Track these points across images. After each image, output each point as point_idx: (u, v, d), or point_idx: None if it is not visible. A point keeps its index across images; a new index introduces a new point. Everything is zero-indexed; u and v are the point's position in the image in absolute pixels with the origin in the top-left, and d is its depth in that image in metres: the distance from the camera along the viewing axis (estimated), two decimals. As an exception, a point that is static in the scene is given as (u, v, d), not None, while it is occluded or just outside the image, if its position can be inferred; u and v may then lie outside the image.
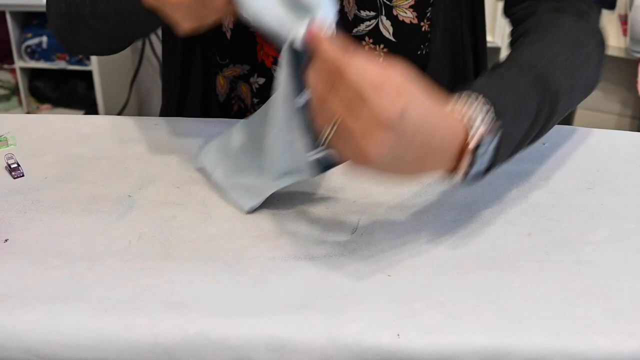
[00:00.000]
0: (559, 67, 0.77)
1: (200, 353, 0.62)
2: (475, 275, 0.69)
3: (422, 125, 0.62)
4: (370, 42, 1.02)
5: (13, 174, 0.83)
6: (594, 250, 0.73)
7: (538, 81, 0.75)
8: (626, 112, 2.56)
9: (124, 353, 0.62)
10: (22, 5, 2.65)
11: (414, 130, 0.62)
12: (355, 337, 0.62)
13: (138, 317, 0.64)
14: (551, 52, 0.78)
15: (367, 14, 1.00)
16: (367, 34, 1.02)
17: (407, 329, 0.63)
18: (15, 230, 0.74)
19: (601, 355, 0.62)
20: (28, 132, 0.91)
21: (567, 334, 0.63)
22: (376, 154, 0.61)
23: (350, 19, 1.01)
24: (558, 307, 0.66)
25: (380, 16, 1.00)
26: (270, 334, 0.63)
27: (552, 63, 0.77)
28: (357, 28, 1.01)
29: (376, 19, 1.00)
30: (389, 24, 1.01)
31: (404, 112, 0.61)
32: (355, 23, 1.01)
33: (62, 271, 0.69)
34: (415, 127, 0.62)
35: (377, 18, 1.00)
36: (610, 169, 0.86)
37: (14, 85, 2.91)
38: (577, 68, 0.79)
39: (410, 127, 0.62)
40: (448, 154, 0.66)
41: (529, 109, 0.73)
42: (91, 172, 0.84)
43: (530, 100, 0.73)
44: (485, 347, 0.62)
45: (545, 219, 0.77)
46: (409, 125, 0.61)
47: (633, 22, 2.29)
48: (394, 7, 0.99)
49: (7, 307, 0.64)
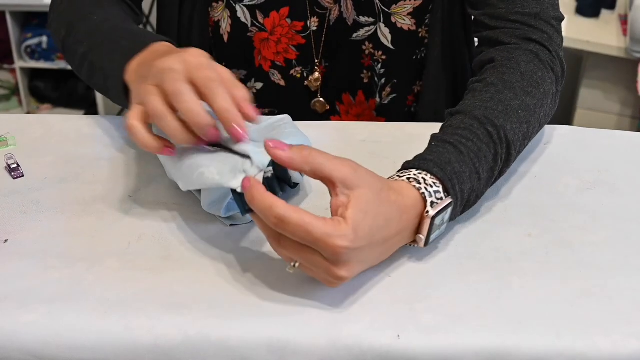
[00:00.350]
0: (514, 112, 0.78)
1: (200, 354, 0.62)
2: (475, 276, 0.69)
3: (376, 228, 0.65)
4: (370, 47, 1.02)
5: (13, 174, 0.82)
6: (594, 251, 0.73)
7: (494, 132, 0.76)
8: (626, 112, 2.56)
9: (123, 354, 0.62)
10: (22, 5, 2.65)
11: (370, 238, 0.64)
12: (356, 338, 0.62)
13: (138, 318, 0.64)
14: (505, 98, 0.79)
15: (366, 20, 1.00)
16: (366, 39, 1.02)
17: (408, 330, 0.63)
18: (15, 231, 0.74)
19: (602, 355, 0.62)
20: (28, 133, 0.91)
21: (568, 335, 0.63)
22: (347, 275, 0.64)
23: (350, 24, 1.01)
24: (558, 307, 0.66)
25: (378, 23, 1.00)
26: (271, 335, 0.63)
27: (507, 110, 0.78)
28: (356, 33, 1.01)
29: (375, 25, 1.00)
30: (387, 32, 1.01)
31: (355, 238, 0.62)
32: (355, 28, 1.01)
33: (62, 272, 0.69)
34: (369, 235, 0.64)
35: (376, 25, 1.00)
36: (610, 170, 0.85)
37: (14, 85, 2.92)
38: (532, 109, 0.81)
39: (366, 238, 0.64)
40: (409, 230, 0.69)
41: (486, 162, 0.75)
42: (91, 173, 0.83)
43: (486, 154, 0.75)
44: (486, 347, 0.62)
45: (546, 220, 0.77)
46: (364, 239, 0.64)
47: (633, 22, 2.29)
48: (392, 14, 0.99)
49: (6, 308, 0.64)
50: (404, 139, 0.90)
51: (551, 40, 0.87)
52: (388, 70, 1.04)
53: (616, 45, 2.38)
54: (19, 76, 2.81)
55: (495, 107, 0.78)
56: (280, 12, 0.99)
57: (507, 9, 0.88)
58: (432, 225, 0.69)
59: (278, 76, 1.05)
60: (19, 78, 2.82)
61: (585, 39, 2.39)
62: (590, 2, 2.48)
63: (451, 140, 0.74)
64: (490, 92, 0.80)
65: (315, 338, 0.62)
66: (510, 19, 0.88)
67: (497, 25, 0.89)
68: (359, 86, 1.06)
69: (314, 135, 0.85)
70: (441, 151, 0.73)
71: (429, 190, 0.69)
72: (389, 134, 0.91)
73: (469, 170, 0.72)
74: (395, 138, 0.90)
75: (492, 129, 0.76)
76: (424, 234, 0.69)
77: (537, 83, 0.82)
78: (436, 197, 0.69)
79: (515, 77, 0.82)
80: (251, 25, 1.01)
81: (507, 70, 0.83)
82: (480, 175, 0.74)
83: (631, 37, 2.32)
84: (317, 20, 1.01)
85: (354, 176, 0.64)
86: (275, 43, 1.02)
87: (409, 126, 0.93)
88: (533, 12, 0.87)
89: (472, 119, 0.76)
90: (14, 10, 2.68)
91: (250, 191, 0.63)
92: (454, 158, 0.72)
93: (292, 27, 1.01)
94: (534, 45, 0.86)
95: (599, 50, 2.40)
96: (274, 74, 1.05)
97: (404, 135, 0.91)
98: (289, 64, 1.04)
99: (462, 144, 0.74)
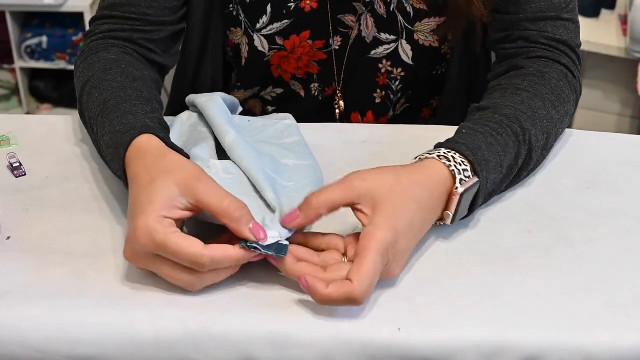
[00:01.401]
0: (540, 121, 0.81)
1: (202, 348, 0.63)
2: (475, 271, 0.69)
3: (412, 213, 0.68)
4: (388, 65, 1.02)
5: (15, 173, 0.83)
6: (593, 247, 0.73)
7: (520, 132, 0.78)
8: (626, 112, 2.56)
9: (125, 348, 0.63)
10: (22, 5, 2.65)
11: (410, 227, 0.67)
12: (357, 332, 0.63)
13: (139, 312, 0.64)
14: (535, 105, 0.82)
15: (387, 37, 0.99)
16: (385, 57, 1.01)
17: (408, 324, 0.63)
18: (18, 228, 0.74)
19: (601, 348, 0.62)
20: (30, 132, 0.91)
21: (568, 328, 0.63)
22: (400, 271, 0.68)
23: (369, 42, 1.00)
24: (558, 301, 0.66)
25: (400, 40, 0.99)
26: (271, 329, 0.63)
27: (534, 116, 0.81)
28: (375, 50, 1.00)
29: (396, 43, 1.00)
30: (409, 49, 1.00)
31: (397, 233, 0.65)
32: (374, 45, 1.00)
33: (64, 268, 0.69)
34: (409, 224, 0.67)
35: (397, 42, 0.99)
36: (609, 170, 0.86)
37: (14, 85, 2.91)
38: (556, 122, 0.84)
39: (407, 227, 0.67)
40: (440, 206, 0.71)
41: (509, 158, 0.77)
42: (92, 171, 0.84)
43: (510, 150, 0.77)
44: (486, 341, 0.63)
45: (545, 217, 0.77)
46: (405, 230, 0.66)
47: (633, 22, 2.29)
48: (415, 32, 0.99)
49: (9, 303, 0.65)
50: (405, 140, 0.90)
51: (575, 66, 0.91)
52: (405, 85, 1.04)
53: (616, 45, 2.38)
54: (19, 76, 2.81)
55: (525, 111, 0.80)
56: (301, 35, 0.98)
57: (539, 32, 0.91)
58: (460, 204, 0.71)
59: (298, 86, 1.05)
60: (19, 78, 2.82)
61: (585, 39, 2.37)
62: (590, 2, 2.48)
63: (482, 131, 0.77)
64: (522, 97, 0.83)
65: (316, 332, 0.63)
66: (541, 41, 0.90)
67: (526, 45, 0.91)
68: (370, 106, 1.06)
69: (315, 137, 0.86)
70: (472, 138, 0.75)
71: (459, 168, 0.71)
72: (389, 135, 0.91)
73: (495, 161, 0.75)
74: (396, 139, 0.90)
75: (520, 129, 0.79)
76: (451, 211, 0.71)
77: (563, 100, 0.86)
78: (464, 175, 0.71)
79: (546, 89, 0.85)
80: (269, 51, 1.00)
81: (539, 81, 0.86)
82: (502, 169, 0.76)
83: (631, 37, 2.32)
84: (340, 39, 1.00)
85: (362, 185, 0.67)
86: (296, 60, 1.01)
87: (409, 128, 0.94)
88: (562, 39, 0.90)
89: (502, 116, 0.79)
90: (14, 10, 2.67)
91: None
92: (484, 146, 0.75)
93: (314, 46, 0.99)
94: (563, 68, 0.89)
95: (599, 50, 2.40)
96: (294, 85, 1.05)
97: (405, 136, 0.91)
98: (310, 78, 1.03)
99: (492, 136, 0.76)
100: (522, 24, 0.91)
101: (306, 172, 0.77)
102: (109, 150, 0.76)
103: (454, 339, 0.63)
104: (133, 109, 0.77)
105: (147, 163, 0.70)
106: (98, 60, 0.87)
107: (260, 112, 1.09)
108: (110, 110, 0.78)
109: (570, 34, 0.91)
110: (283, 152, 0.80)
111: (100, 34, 0.92)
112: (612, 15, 2.55)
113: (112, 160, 0.76)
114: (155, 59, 0.94)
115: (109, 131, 0.76)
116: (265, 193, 0.71)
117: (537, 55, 0.90)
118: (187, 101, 0.88)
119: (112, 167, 0.77)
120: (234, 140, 0.76)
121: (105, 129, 0.77)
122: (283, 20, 0.96)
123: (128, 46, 0.91)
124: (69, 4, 2.66)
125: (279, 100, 1.07)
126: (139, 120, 0.75)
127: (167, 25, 0.94)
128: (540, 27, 0.91)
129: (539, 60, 0.89)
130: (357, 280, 0.62)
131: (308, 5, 0.96)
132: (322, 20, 0.97)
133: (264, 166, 0.75)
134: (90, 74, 0.85)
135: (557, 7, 0.90)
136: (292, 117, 0.88)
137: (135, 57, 0.90)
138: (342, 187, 0.67)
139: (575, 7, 0.93)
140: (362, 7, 0.97)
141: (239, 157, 0.75)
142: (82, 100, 0.85)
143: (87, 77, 0.85)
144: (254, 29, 0.98)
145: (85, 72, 0.87)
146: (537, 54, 0.90)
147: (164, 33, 0.94)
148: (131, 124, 0.75)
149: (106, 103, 0.79)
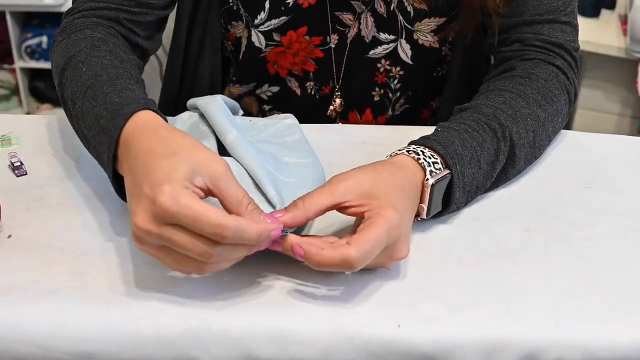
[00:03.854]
0: (522, 119, 0.81)
1: (203, 344, 0.63)
2: (474, 268, 0.70)
3: (403, 198, 0.69)
4: (386, 64, 1.02)
5: (16, 172, 0.83)
6: (592, 245, 0.74)
7: (498, 129, 0.79)
8: (626, 112, 2.56)
9: (126, 345, 0.63)
10: (22, 5, 2.65)
11: (406, 211, 0.68)
12: (357, 328, 0.63)
13: (140, 309, 0.64)
14: (517, 104, 0.82)
15: (386, 37, 0.99)
16: (384, 57, 1.01)
17: (408, 320, 0.63)
18: (19, 227, 0.74)
19: (600, 344, 0.63)
20: (30, 132, 0.91)
21: (567, 325, 0.64)
22: (407, 253, 0.68)
23: (368, 42, 1.00)
24: (557, 298, 0.66)
25: (399, 39, 0.99)
26: (272, 326, 0.63)
27: (516, 114, 0.81)
28: (374, 50, 1.01)
29: (395, 42, 1.00)
30: (408, 48, 1.00)
31: (398, 216, 0.65)
32: (372, 45, 1.00)
33: (65, 265, 0.69)
34: (404, 207, 0.68)
35: (397, 42, 1.00)
36: (607, 170, 0.86)
37: (14, 85, 2.92)
38: (542, 120, 0.84)
39: (402, 211, 0.67)
40: (416, 197, 0.72)
41: (487, 154, 0.77)
42: (93, 170, 0.84)
43: (488, 146, 0.77)
44: (485, 337, 0.63)
45: (544, 216, 0.78)
46: (403, 213, 0.67)
47: (633, 22, 2.29)
48: (415, 31, 0.99)
49: (10, 300, 0.65)
50: (405, 141, 0.89)
51: (570, 68, 0.91)
52: (404, 84, 1.04)
53: (616, 45, 2.38)
54: (19, 76, 2.81)
55: (505, 110, 0.81)
56: (298, 31, 0.98)
57: (534, 35, 0.91)
58: (432, 195, 0.72)
59: (295, 83, 1.05)
60: (19, 78, 2.82)
61: (585, 39, 2.39)
62: (590, 2, 2.48)
63: (457, 128, 0.77)
64: (503, 97, 0.83)
65: (316, 328, 0.63)
66: (536, 44, 0.91)
67: (521, 48, 0.92)
68: (368, 104, 1.06)
69: (315, 137, 0.86)
70: (445, 134, 0.76)
71: (428, 160, 0.72)
72: (389, 136, 0.92)
73: (469, 155, 0.75)
74: (395, 140, 0.90)
75: (498, 126, 0.79)
76: (425, 203, 0.72)
77: (551, 99, 0.85)
78: (435, 168, 0.72)
79: (531, 89, 0.85)
80: (265, 47, 1.00)
81: (524, 81, 0.86)
82: (480, 164, 0.76)
83: (631, 37, 2.32)
84: (337, 37, 1.00)
85: (346, 183, 0.67)
86: (293, 55, 1.01)
87: (409, 129, 0.94)
88: (558, 42, 0.90)
89: (480, 114, 0.80)
90: (14, 10, 2.67)
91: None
92: (457, 141, 0.75)
93: (311, 42, 0.99)
94: (555, 69, 0.89)
95: (599, 50, 2.40)
96: (290, 81, 1.05)
97: (405, 137, 0.91)
98: (306, 75, 1.04)
99: (466, 132, 0.77)
100: (519, 27, 0.92)
101: (307, 170, 0.77)
102: (99, 122, 0.71)
103: (453, 335, 0.63)
104: (129, 87, 0.74)
105: (161, 135, 0.66)
106: (84, 37, 0.83)
107: (256, 110, 1.09)
108: (103, 84, 0.74)
109: (567, 36, 0.91)
110: (284, 150, 0.81)
111: (84, 11, 0.88)
112: (612, 15, 2.55)
113: (101, 131, 0.71)
114: (139, 43, 0.91)
115: (102, 102, 0.72)
116: (266, 190, 0.72)
117: (531, 57, 0.90)
118: (188, 105, 0.87)
119: (98, 139, 0.71)
120: (235, 139, 0.77)
121: (97, 101, 0.73)
122: (281, 16, 0.96)
123: (113, 26, 0.87)
124: (69, 4, 2.65)
125: (274, 99, 1.07)
126: (139, 97, 0.72)
127: (155, 9, 0.91)
128: (536, 30, 0.91)
129: (531, 62, 0.90)
130: (356, 245, 0.62)
131: (306, 1, 0.96)
132: (320, 17, 0.98)
133: (264, 163, 0.75)
134: (77, 49, 0.81)
135: (555, 10, 0.91)
136: (293, 117, 0.88)
137: (120, 40, 0.87)
138: (326, 188, 0.67)
139: (574, 10, 0.93)
140: (362, 6, 0.97)
141: (240, 155, 0.76)
142: (64, 74, 0.80)
143: (72, 52, 0.81)
144: (253, 24, 0.98)
145: (70, 47, 0.82)
146: (531, 56, 0.90)
147: (150, 17, 0.91)
148: (132, 98, 0.71)
149: (97, 77, 0.75)
